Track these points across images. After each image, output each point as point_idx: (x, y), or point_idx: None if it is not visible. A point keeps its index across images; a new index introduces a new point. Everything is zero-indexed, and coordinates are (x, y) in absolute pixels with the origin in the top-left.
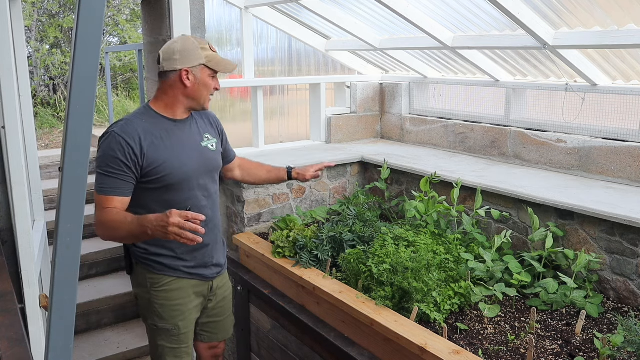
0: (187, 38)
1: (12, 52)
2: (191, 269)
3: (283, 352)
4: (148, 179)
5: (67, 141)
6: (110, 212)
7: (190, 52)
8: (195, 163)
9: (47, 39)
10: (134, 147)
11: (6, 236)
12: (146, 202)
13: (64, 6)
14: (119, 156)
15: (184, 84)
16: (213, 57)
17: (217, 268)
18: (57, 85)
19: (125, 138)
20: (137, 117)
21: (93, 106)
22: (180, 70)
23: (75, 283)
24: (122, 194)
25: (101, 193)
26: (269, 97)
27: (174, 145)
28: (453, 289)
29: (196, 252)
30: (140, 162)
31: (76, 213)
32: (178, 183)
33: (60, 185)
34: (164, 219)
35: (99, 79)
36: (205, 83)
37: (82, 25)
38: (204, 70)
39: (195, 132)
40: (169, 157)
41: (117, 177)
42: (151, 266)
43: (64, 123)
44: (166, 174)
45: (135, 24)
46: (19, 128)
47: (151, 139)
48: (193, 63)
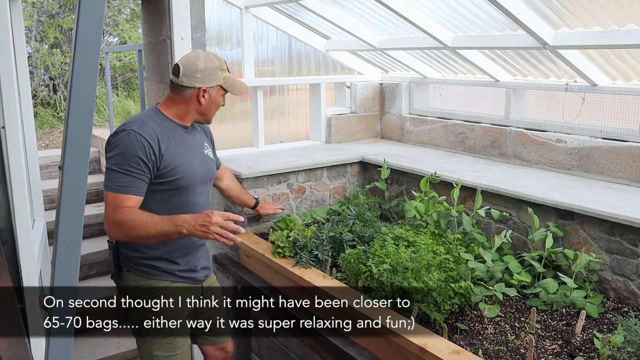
0: (210, 57)
1: (12, 52)
2: (184, 272)
3: (283, 352)
4: (161, 181)
5: (67, 141)
6: (129, 211)
7: (212, 72)
8: (201, 169)
9: (47, 39)
10: (154, 147)
11: (6, 236)
12: (150, 203)
13: (64, 6)
14: (140, 155)
15: (199, 101)
16: (229, 79)
17: (206, 270)
18: (57, 85)
19: (146, 137)
20: (150, 119)
21: (93, 106)
22: (200, 89)
23: (75, 283)
24: (139, 193)
25: (119, 192)
26: (269, 97)
27: (186, 149)
28: (453, 289)
29: (188, 255)
30: (158, 162)
31: (76, 213)
32: (186, 187)
33: (60, 185)
34: (205, 219)
35: (99, 78)
36: (217, 102)
37: (82, 25)
38: (219, 90)
39: (199, 141)
40: (183, 161)
41: (137, 176)
42: (145, 272)
43: (64, 123)
44: (179, 177)
45: (135, 24)
46: (19, 128)
47: (167, 141)
48: (212, 84)
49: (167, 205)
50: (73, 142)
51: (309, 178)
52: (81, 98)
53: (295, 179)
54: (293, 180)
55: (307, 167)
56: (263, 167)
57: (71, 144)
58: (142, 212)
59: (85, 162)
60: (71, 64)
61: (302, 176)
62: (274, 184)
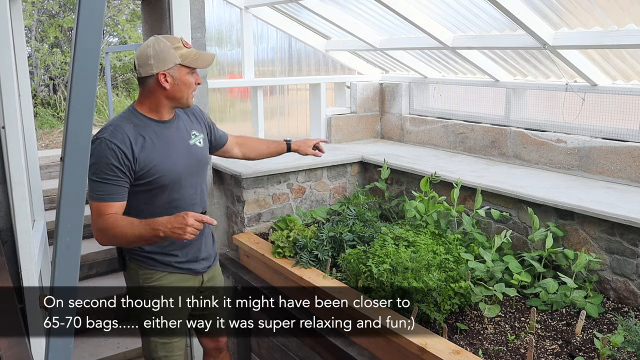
0: (158, 40)
1: (12, 52)
2: (182, 263)
3: (283, 352)
4: (141, 182)
5: (67, 141)
6: (111, 217)
7: (164, 54)
8: (186, 162)
9: (47, 38)
10: (126, 152)
11: (6, 236)
12: (136, 204)
13: (64, 6)
14: (112, 162)
15: (163, 86)
16: (188, 55)
17: (207, 262)
18: (57, 85)
19: (117, 143)
20: (125, 121)
21: (93, 106)
22: (157, 74)
23: (75, 283)
24: (120, 199)
25: (99, 200)
26: (269, 97)
27: (164, 146)
28: (453, 289)
29: (187, 247)
30: (133, 166)
31: (76, 213)
32: (170, 184)
33: (60, 184)
34: (181, 221)
35: (99, 78)
36: (184, 81)
37: (82, 25)
38: (181, 69)
39: (183, 131)
40: (160, 159)
41: (113, 183)
42: (143, 262)
43: (64, 123)
44: (159, 176)
45: (135, 24)
46: (19, 128)
47: (141, 143)
48: (169, 65)
49: (152, 205)
50: (73, 142)
51: (309, 178)
52: (81, 98)
53: (295, 179)
54: (293, 180)
55: (307, 167)
56: (263, 167)
57: (71, 144)
58: (123, 218)
59: (85, 162)
60: (71, 64)
61: (302, 176)
62: (274, 184)
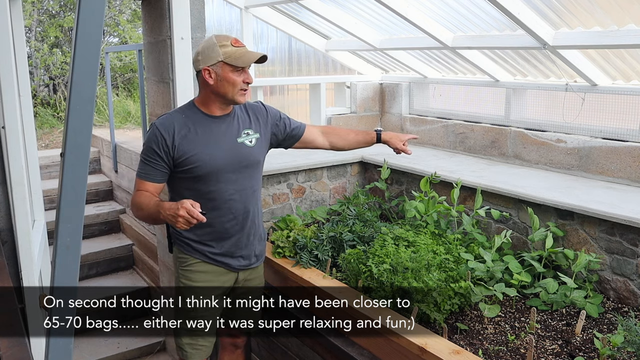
0: (209, 38)
1: (12, 52)
2: (216, 255)
3: (283, 352)
4: (180, 169)
5: (68, 141)
6: (141, 194)
7: (210, 50)
8: (226, 158)
9: (47, 38)
10: (167, 139)
11: (6, 236)
12: (179, 189)
13: (64, 6)
14: (153, 146)
15: (207, 82)
16: (232, 53)
17: (246, 260)
18: (57, 85)
19: (161, 130)
20: (179, 111)
21: (93, 106)
22: (203, 70)
23: (75, 283)
24: (154, 180)
25: (138, 176)
26: (269, 97)
27: (206, 139)
28: (453, 289)
29: (223, 240)
30: (171, 153)
31: (76, 213)
32: (207, 175)
33: (60, 184)
34: (175, 210)
35: (99, 78)
36: (228, 79)
37: (82, 25)
38: (224, 66)
39: (234, 128)
40: (199, 150)
41: (152, 165)
42: (182, 246)
43: (64, 123)
44: (195, 165)
45: (135, 24)
46: (19, 128)
47: (185, 132)
48: (212, 61)
49: (192, 191)
50: (73, 142)
51: (309, 178)
52: (81, 98)
53: (295, 179)
54: (293, 180)
55: (307, 167)
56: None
57: (71, 144)
58: (147, 196)
59: (86, 162)
60: (71, 64)
61: (302, 176)
62: (274, 184)
